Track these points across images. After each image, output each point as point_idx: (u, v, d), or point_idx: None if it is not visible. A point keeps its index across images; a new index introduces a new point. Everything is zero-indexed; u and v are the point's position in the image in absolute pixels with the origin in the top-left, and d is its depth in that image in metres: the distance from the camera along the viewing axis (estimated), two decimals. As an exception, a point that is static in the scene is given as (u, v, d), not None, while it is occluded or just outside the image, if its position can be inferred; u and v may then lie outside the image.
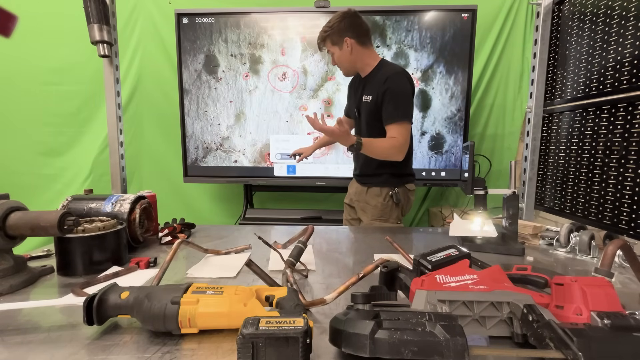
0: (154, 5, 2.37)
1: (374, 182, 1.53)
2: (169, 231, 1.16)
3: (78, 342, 0.57)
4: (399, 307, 0.64)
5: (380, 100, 1.41)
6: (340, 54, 1.48)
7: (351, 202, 1.66)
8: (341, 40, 1.45)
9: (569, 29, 1.61)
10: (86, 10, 1.41)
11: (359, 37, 1.46)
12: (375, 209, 1.50)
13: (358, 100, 1.55)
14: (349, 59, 1.48)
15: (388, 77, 1.41)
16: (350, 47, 1.45)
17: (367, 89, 1.49)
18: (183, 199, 2.55)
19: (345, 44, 1.45)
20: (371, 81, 1.48)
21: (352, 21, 1.45)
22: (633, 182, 1.22)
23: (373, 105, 1.45)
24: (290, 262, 0.83)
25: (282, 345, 0.46)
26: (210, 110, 2.30)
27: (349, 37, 1.44)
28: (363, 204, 1.55)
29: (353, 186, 1.66)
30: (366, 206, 1.53)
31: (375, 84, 1.45)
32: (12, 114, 2.39)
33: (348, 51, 1.46)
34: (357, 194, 1.59)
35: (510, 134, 2.41)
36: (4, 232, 0.78)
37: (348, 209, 1.71)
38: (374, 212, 1.51)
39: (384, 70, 1.46)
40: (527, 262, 1.01)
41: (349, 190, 1.70)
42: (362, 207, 1.56)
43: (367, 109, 1.49)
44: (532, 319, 0.51)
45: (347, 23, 1.44)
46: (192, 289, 0.59)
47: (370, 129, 1.50)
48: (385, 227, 1.48)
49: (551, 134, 1.72)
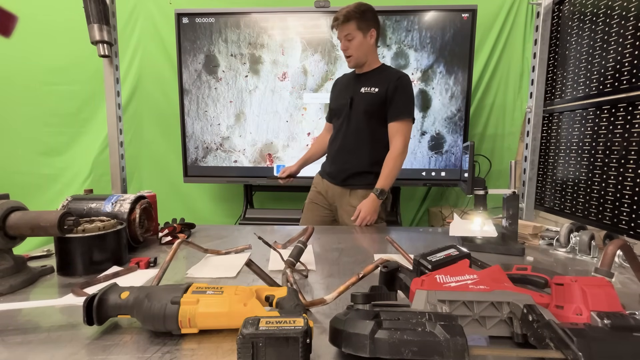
0: (154, 5, 2.37)
1: (359, 185, 1.53)
2: (169, 231, 1.16)
3: (78, 342, 0.57)
4: (399, 307, 0.64)
5: (391, 94, 1.47)
6: (362, 42, 1.48)
7: (324, 203, 1.63)
8: (368, 29, 1.47)
9: (569, 29, 1.61)
10: (86, 10, 1.41)
11: (378, 35, 1.52)
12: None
13: (352, 91, 1.54)
14: (366, 50, 1.50)
15: (401, 76, 1.49)
16: (372, 39, 1.49)
17: (369, 82, 1.51)
18: (183, 199, 2.55)
19: (370, 34, 1.48)
20: (374, 77, 1.52)
21: (377, 17, 1.50)
22: (633, 182, 1.22)
23: (378, 97, 1.48)
24: (290, 262, 0.83)
25: (282, 345, 0.46)
26: (210, 110, 2.30)
27: (375, 29, 1.48)
28: (348, 207, 1.53)
29: (324, 186, 1.62)
30: (352, 209, 1.49)
31: (384, 78, 1.49)
32: (12, 114, 2.39)
33: (370, 42, 1.49)
34: (336, 196, 1.58)
35: (510, 134, 2.41)
36: (4, 232, 0.78)
37: (318, 208, 1.64)
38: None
39: (393, 71, 1.54)
40: (527, 262, 1.01)
41: (317, 188, 1.66)
42: (347, 211, 1.53)
43: (368, 99, 1.50)
44: (532, 319, 0.51)
45: (375, 16, 1.49)
46: (192, 289, 0.59)
47: (368, 117, 1.51)
48: (377, 226, 1.49)
49: (551, 134, 1.72)
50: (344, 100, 1.55)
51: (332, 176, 1.60)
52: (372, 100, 1.49)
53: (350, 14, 1.44)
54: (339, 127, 1.59)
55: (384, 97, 1.47)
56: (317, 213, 1.65)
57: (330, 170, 1.61)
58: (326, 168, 1.65)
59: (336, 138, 1.60)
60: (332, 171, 1.61)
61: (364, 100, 1.50)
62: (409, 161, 2.27)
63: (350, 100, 1.53)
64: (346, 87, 1.59)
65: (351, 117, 1.54)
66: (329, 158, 1.65)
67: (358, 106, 1.51)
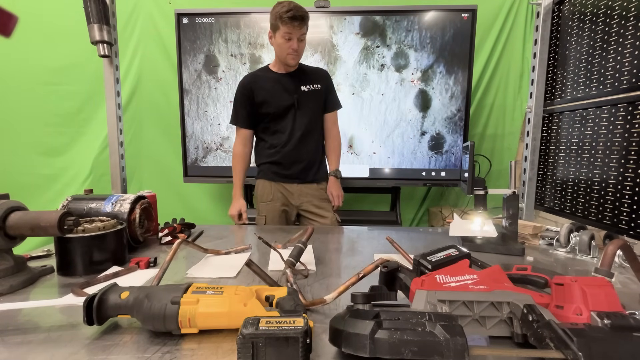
0: (154, 5, 2.37)
1: (320, 177, 1.65)
2: (169, 231, 1.16)
3: (78, 342, 0.57)
4: (399, 307, 0.64)
5: (331, 88, 1.65)
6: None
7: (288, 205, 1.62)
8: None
9: (569, 29, 1.61)
10: (86, 10, 1.41)
11: None
12: (329, 202, 1.64)
13: (294, 91, 1.55)
14: None
15: (325, 71, 1.68)
16: None
17: (307, 80, 1.58)
18: (183, 199, 2.55)
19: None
20: (307, 75, 1.59)
21: None
22: (633, 182, 1.22)
23: (320, 94, 1.60)
24: (290, 262, 0.83)
25: (282, 345, 0.46)
26: (210, 110, 2.30)
27: None
28: (317, 200, 1.62)
29: (282, 189, 1.61)
30: (322, 200, 1.63)
31: (316, 75, 1.61)
32: (12, 113, 2.39)
33: None
34: (302, 194, 1.62)
35: (510, 134, 2.41)
36: (4, 232, 0.78)
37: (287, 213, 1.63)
38: (329, 205, 1.63)
39: (315, 67, 1.67)
40: (527, 262, 1.01)
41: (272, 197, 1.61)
42: (324, 207, 1.62)
43: (314, 97, 1.59)
44: (532, 319, 0.51)
45: None
46: (192, 289, 0.59)
47: (316, 116, 1.61)
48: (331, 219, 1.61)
49: (551, 134, 1.72)
50: (288, 102, 1.55)
51: (296, 176, 1.60)
52: (317, 98, 1.59)
53: (307, 15, 1.44)
54: (283, 128, 1.57)
55: (325, 91, 1.61)
56: (285, 217, 1.64)
57: (292, 171, 1.60)
58: (282, 171, 1.60)
59: (284, 140, 1.57)
60: (294, 172, 1.60)
61: (311, 100, 1.58)
62: (409, 161, 2.27)
63: (297, 100, 1.55)
64: (283, 88, 1.55)
65: (297, 116, 1.57)
66: (282, 160, 1.59)
67: (305, 104, 1.57)
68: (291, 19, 1.40)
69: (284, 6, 1.41)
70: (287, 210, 1.64)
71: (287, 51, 1.46)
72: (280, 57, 1.51)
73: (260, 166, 1.66)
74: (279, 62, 1.54)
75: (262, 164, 1.64)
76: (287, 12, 1.39)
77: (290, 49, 1.46)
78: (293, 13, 1.40)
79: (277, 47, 1.49)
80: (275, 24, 1.45)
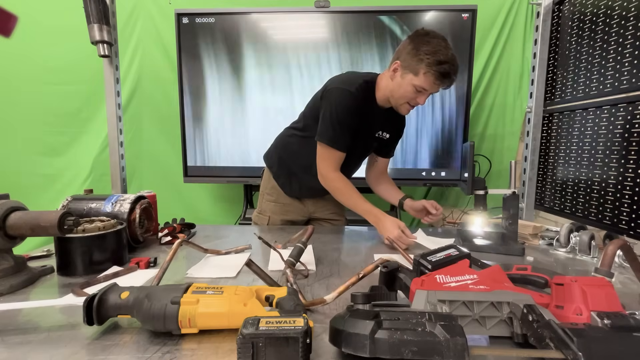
0: (154, 5, 2.37)
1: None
2: (169, 231, 1.16)
3: (78, 342, 0.57)
4: (399, 307, 0.64)
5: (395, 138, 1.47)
6: None
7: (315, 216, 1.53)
8: None
9: (569, 29, 1.61)
10: (86, 10, 1.41)
11: None
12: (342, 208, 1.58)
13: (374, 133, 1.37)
14: None
15: (404, 119, 1.45)
16: None
17: (385, 126, 1.36)
18: (183, 199, 2.55)
19: None
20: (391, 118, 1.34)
21: None
22: (633, 182, 1.22)
23: (385, 144, 1.44)
24: (290, 262, 0.83)
25: (282, 345, 0.46)
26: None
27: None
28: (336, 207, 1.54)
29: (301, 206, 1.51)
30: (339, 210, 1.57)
31: (395, 121, 1.38)
32: (12, 113, 2.39)
33: None
34: (323, 206, 1.53)
35: (510, 134, 2.41)
36: (4, 232, 0.78)
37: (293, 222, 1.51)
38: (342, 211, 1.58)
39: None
40: (527, 262, 1.01)
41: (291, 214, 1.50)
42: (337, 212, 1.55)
43: (380, 145, 1.43)
44: (532, 319, 0.51)
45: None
46: (192, 289, 0.59)
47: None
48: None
49: (551, 134, 1.72)
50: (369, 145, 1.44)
51: (316, 191, 1.39)
52: (382, 145, 1.44)
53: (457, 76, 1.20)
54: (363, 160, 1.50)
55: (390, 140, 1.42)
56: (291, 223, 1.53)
57: (316, 195, 1.46)
58: (306, 193, 1.47)
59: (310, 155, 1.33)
60: (313, 186, 1.35)
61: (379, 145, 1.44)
62: (409, 161, 2.27)
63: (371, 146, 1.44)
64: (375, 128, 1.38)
65: (357, 160, 1.45)
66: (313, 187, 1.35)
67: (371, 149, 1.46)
68: (442, 75, 1.12)
69: (442, 54, 1.10)
70: (296, 219, 1.53)
71: (407, 101, 1.20)
72: (393, 99, 1.22)
73: (288, 174, 1.44)
74: (386, 99, 1.25)
75: (292, 175, 1.43)
76: (440, 65, 1.10)
77: (414, 102, 1.20)
78: (447, 70, 1.11)
79: (397, 87, 1.19)
80: (414, 65, 1.13)
